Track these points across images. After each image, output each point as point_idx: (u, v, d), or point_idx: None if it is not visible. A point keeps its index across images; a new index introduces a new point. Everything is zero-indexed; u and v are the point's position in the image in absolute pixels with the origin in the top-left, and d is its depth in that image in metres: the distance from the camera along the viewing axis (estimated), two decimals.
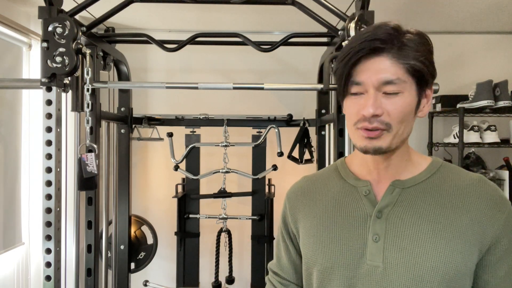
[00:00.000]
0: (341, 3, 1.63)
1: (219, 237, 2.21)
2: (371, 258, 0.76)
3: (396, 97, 0.72)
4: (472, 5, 2.15)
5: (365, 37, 0.72)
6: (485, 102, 2.25)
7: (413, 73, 0.72)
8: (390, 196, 0.79)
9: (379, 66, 0.71)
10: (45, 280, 1.44)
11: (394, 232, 0.76)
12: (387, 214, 0.77)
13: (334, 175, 0.89)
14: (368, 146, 0.75)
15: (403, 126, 0.74)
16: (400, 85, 0.71)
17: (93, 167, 1.49)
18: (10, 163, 2.12)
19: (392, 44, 0.71)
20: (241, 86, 1.62)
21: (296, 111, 2.38)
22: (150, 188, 2.66)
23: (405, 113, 0.72)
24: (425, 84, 0.74)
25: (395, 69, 0.71)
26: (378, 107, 0.71)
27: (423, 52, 0.72)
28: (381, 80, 0.71)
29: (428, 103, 0.77)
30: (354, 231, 0.79)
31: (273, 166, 2.16)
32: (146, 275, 2.48)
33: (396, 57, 0.71)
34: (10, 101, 2.12)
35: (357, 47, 0.72)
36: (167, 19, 2.38)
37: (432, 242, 0.73)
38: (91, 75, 1.52)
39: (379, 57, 0.72)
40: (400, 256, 0.74)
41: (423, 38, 0.74)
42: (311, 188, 0.91)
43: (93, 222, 1.74)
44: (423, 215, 0.75)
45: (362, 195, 0.82)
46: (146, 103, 2.63)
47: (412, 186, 0.79)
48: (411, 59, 0.71)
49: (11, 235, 2.12)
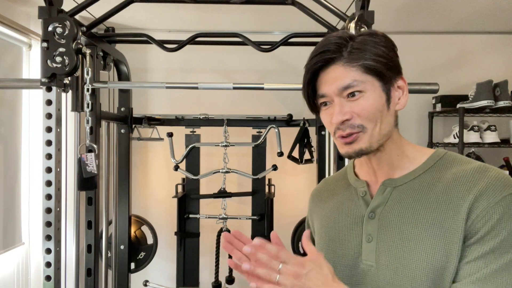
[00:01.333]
0: (341, 3, 1.63)
1: (219, 237, 2.21)
2: (366, 258, 0.78)
3: (360, 98, 0.73)
4: (472, 5, 2.15)
5: (316, 52, 0.76)
6: (485, 102, 2.25)
7: (369, 71, 0.73)
8: (381, 196, 0.79)
9: (334, 75, 0.74)
10: (45, 280, 1.44)
11: (385, 232, 0.77)
12: (379, 214, 0.78)
13: (343, 177, 0.92)
14: (349, 152, 0.76)
15: (378, 123, 0.74)
16: (359, 85, 0.73)
17: (93, 167, 1.49)
18: (10, 163, 2.12)
19: (340, 52, 0.74)
20: (241, 86, 1.62)
21: (296, 111, 2.38)
22: (150, 188, 2.66)
23: (374, 110, 0.73)
24: (388, 78, 0.75)
25: (349, 73, 0.73)
26: (345, 112, 0.73)
27: (377, 51, 0.73)
28: (339, 86, 0.73)
29: (404, 95, 0.77)
30: (352, 231, 0.82)
31: (273, 166, 2.16)
32: (146, 275, 2.48)
33: (348, 61, 0.73)
34: (10, 101, 2.12)
35: (311, 63, 0.76)
36: (167, 19, 2.38)
37: (419, 240, 0.72)
38: (91, 75, 1.52)
39: (332, 66, 0.75)
40: (390, 256, 0.75)
41: (375, 36, 0.75)
42: (325, 191, 0.94)
43: (93, 222, 1.74)
44: (411, 214, 0.75)
45: (359, 195, 0.83)
46: (146, 103, 2.63)
47: (403, 184, 0.78)
48: (362, 59, 0.73)
49: (11, 235, 2.12)
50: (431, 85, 1.45)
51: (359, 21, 1.43)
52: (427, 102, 2.61)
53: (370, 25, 1.45)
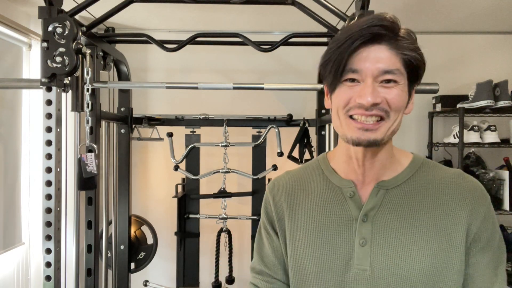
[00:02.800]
0: (341, 3, 1.63)
1: (219, 237, 2.21)
2: (359, 262, 0.75)
3: (394, 87, 0.71)
4: (472, 5, 2.15)
5: (365, 23, 0.70)
6: (485, 102, 2.25)
7: (408, 65, 0.71)
8: (375, 199, 0.77)
9: (378, 55, 0.70)
10: (45, 280, 1.44)
11: (380, 235, 0.75)
12: (373, 217, 0.76)
13: (317, 173, 0.86)
14: (361, 138, 0.72)
15: (399, 117, 0.73)
16: (398, 76, 0.71)
17: (93, 167, 1.49)
18: (10, 163, 2.12)
19: (392, 32, 0.70)
20: (241, 86, 1.62)
21: (296, 111, 2.38)
22: (150, 188, 2.66)
23: (401, 104, 0.72)
24: (415, 80, 0.74)
25: (394, 59, 0.70)
26: (377, 96, 0.70)
27: (418, 47, 0.73)
28: (381, 69, 0.70)
29: (412, 101, 0.77)
30: (341, 235, 0.78)
31: (273, 166, 2.16)
32: (146, 275, 2.48)
33: (395, 47, 0.70)
34: (10, 101, 2.12)
35: (356, 34, 0.70)
36: (167, 19, 2.38)
37: (416, 243, 0.73)
38: (91, 75, 1.52)
39: (378, 45, 0.70)
40: (386, 259, 0.74)
41: (414, 35, 0.74)
42: (295, 187, 0.87)
43: (93, 222, 1.74)
44: (407, 217, 0.75)
45: (347, 196, 0.79)
46: (146, 103, 2.63)
47: (395, 187, 0.78)
48: (409, 50, 0.71)
49: (11, 235, 2.12)
50: (431, 85, 1.45)
51: None
52: (427, 102, 2.61)
53: None
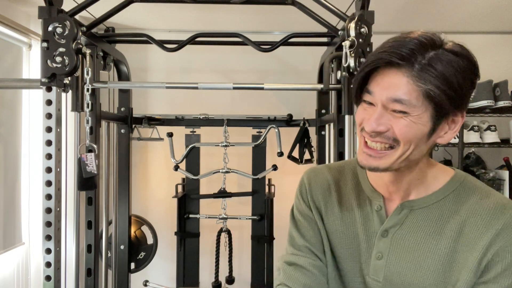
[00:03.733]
0: (341, 3, 1.63)
1: (219, 237, 2.21)
2: (373, 273, 0.78)
3: (402, 118, 0.66)
4: (472, 5, 2.15)
5: (387, 47, 0.67)
6: (485, 102, 2.25)
7: (429, 99, 0.64)
8: (397, 217, 0.77)
9: (392, 81, 0.66)
10: (45, 280, 1.44)
11: (397, 253, 0.76)
12: (393, 234, 0.77)
13: (352, 177, 0.86)
14: (363, 163, 0.72)
15: (411, 148, 0.68)
16: (409, 107, 0.65)
17: (93, 167, 1.49)
18: (10, 163, 2.12)
19: (411, 63, 0.64)
20: (241, 86, 1.62)
21: (296, 111, 2.38)
22: (150, 188, 2.66)
23: (411, 136, 0.67)
24: (445, 111, 0.66)
25: (409, 89, 0.64)
26: (382, 124, 0.67)
27: (451, 79, 0.63)
28: (390, 96, 0.66)
29: (454, 130, 0.70)
30: (363, 244, 0.80)
31: (273, 166, 2.16)
32: (146, 275, 2.48)
33: (415, 77, 0.64)
34: (10, 101, 2.12)
35: (375, 56, 0.68)
36: (167, 19, 2.38)
37: (428, 269, 0.72)
38: (91, 75, 1.52)
39: (396, 71, 0.66)
40: (398, 276, 0.75)
41: (460, 58, 0.65)
42: (333, 183, 0.87)
43: (93, 222, 1.74)
44: (425, 241, 0.74)
45: (374, 209, 0.80)
46: (146, 103, 2.63)
47: (421, 208, 0.75)
48: (431, 84, 0.63)
49: (11, 235, 2.12)
50: None
51: (359, 21, 1.43)
52: None
53: (370, 25, 1.45)
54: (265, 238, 2.18)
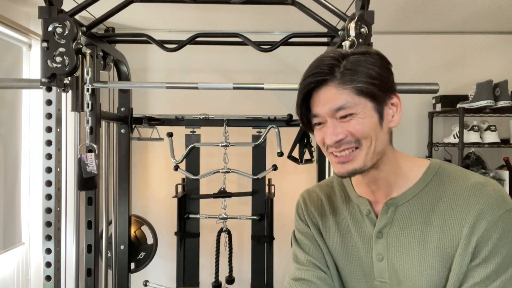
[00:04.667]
0: (341, 3, 1.63)
1: (219, 237, 2.21)
2: (379, 275, 0.82)
3: (352, 120, 0.74)
4: (472, 5, 2.15)
5: (308, 73, 0.76)
6: (485, 102, 2.25)
7: (361, 94, 0.73)
8: (385, 216, 0.81)
9: (327, 96, 0.74)
10: (45, 280, 1.44)
11: (395, 251, 0.80)
12: (386, 234, 0.81)
13: (340, 191, 0.91)
14: (341, 171, 0.77)
15: (373, 141, 0.75)
16: (351, 108, 0.73)
17: (93, 167, 1.49)
18: (10, 163, 2.12)
19: (332, 74, 0.73)
20: (241, 86, 1.62)
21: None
22: (150, 188, 2.66)
23: (367, 130, 0.74)
24: (381, 98, 0.75)
25: (342, 95, 0.73)
26: (339, 132, 0.74)
27: (370, 72, 0.73)
28: (331, 108, 0.74)
29: (398, 111, 0.78)
30: (362, 250, 0.84)
31: (273, 166, 2.16)
32: (146, 275, 2.48)
33: (341, 83, 0.73)
34: (10, 101, 2.12)
35: (304, 83, 0.76)
36: (167, 19, 2.38)
37: (423, 261, 0.76)
38: (91, 75, 1.52)
39: (325, 87, 0.74)
40: (402, 273, 0.78)
41: (368, 55, 0.75)
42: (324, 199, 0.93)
43: (93, 222, 1.74)
44: (416, 233, 0.78)
45: (364, 214, 0.84)
46: (146, 103, 2.63)
47: (405, 202, 0.80)
48: (355, 82, 0.72)
49: (11, 235, 2.12)
50: (431, 85, 1.45)
51: (359, 21, 1.43)
52: (427, 102, 2.61)
53: (370, 25, 1.45)
54: (265, 238, 2.18)
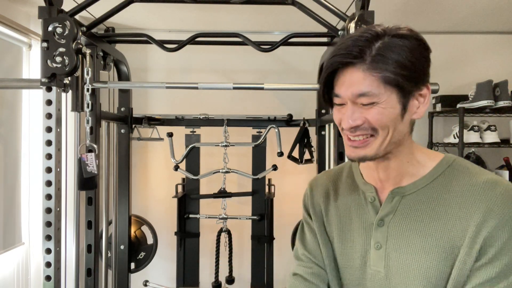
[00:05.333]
0: (341, 3, 1.63)
1: (219, 237, 2.21)
2: (374, 264, 0.79)
3: (372, 108, 0.70)
4: (472, 5, 2.15)
5: (338, 51, 0.72)
6: (485, 102, 2.25)
7: (388, 84, 0.69)
8: (390, 205, 0.79)
9: (352, 79, 0.71)
10: (45, 280, 1.44)
11: (394, 240, 0.77)
12: (388, 222, 0.78)
13: (348, 176, 0.90)
14: (352, 155, 0.76)
15: (391, 132, 0.72)
16: (375, 96, 0.70)
17: (93, 167, 1.49)
18: (10, 163, 2.12)
19: (362, 57, 0.69)
20: (241, 86, 1.62)
21: (296, 111, 2.38)
22: (150, 188, 2.66)
23: (386, 120, 0.71)
24: (408, 90, 0.71)
25: (368, 81, 0.69)
26: (356, 118, 0.71)
27: (403, 61, 0.68)
28: (354, 92, 0.71)
29: (424, 103, 0.74)
30: (360, 237, 0.82)
31: (273, 166, 2.16)
32: (146, 275, 2.48)
33: (369, 68, 0.69)
34: (10, 101, 2.12)
35: (331, 61, 0.73)
36: (167, 19, 2.38)
37: (424, 252, 0.74)
38: (91, 75, 1.52)
39: (352, 69, 0.71)
40: (398, 264, 0.76)
41: (412, 39, 0.70)
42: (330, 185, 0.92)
43: (93, 222, 1.74)
44: (419, 225, 0.75)
45: (368, 201, 0.83)
46: (146, 103, 2.63)
47: (411, 193, 0.77)
48: (384, 70, 0.68)
49: (11, 235, 2.12)
50: (431, 85, 1.45)
51: (359, 21, 1.43)
52: None
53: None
54: (265, 238, 2.18)
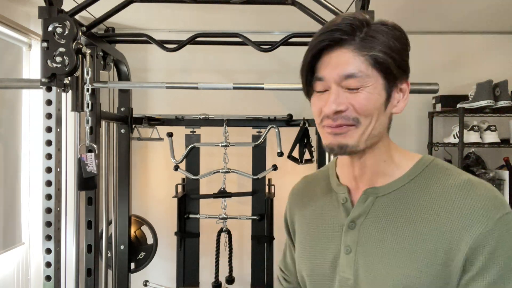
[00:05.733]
0: (341, 3, 1.63)
1: (219, 237, 2.21)
2: (343, 270, 0.73)
3: (360, 92, 0.66)
4: (472, 5, 2.15)
5: (325, 28, 0.68)
6: (485, 102, 2.25)
7: (377, 66, 0.65)
8: (362, 206, 0.74)
9: (339, 59, 0.66)
10: (45, 280, 1.44)
11: (365, 244, 0.71)
12: (360, 225, 0.73)
13: (324, 177, 0.86)
14: (332, 143, 0.69)
15: (373, 122, 0.68)
16: (363, 79, 0.65)
17: (93, 167, 1.49)
18: (10, 163, 2.12)
19: (353, 35, 0.66)
20: (241, 86, 1.62)
21: (296, 111, 2.38)
22: (150, 188, 2.66)
23: (371, 107, 0.67)
24: (394, 78, 0.68)
25: (357, 61, 0.65)
26: (341, 103, 0.66)
27: (391, 44, 0.66)
28: (341, 73, 0.66)
29: (404, 98, 0.71)
30: (330, 241, 0.77)
31: (273, 166, 2.16)
32: (146, 275, 2.48)
33: (358, 48, 0.65)
34: (10, 101, 2.12)
35: (318, 39, 0.68)
36: (167, 19, 2.38)
37: (395, 259, 0.67)
38: (91, 75, 1.52)
39: (340, 49, 0.66)
40: (368, 271, 0.70)
41: (396, 30, 0.68)
42: (305, 190, 0.89)
43: (93, 222, 1.74)
44: (392, 228, 0.69)
45: (340, 202, 0.78)
46: (146, 103, 2.63)
47: (386, 194, 0.72)
48: (375, 50, 0.65)
49: (11, 235, 2.12)
50: (431, 85, 1.45)
51: None
52: (427, 102, 2.61)
53: None
54: (265, 238, 2.18)
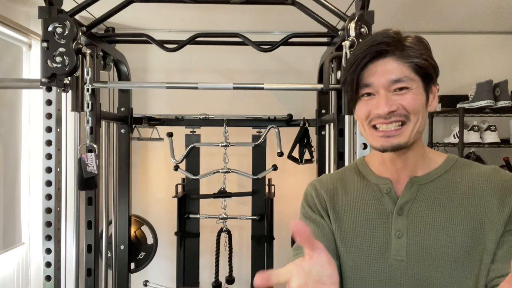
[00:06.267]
0: (341, 3, 1.63)
1: (219, 237, 2.21)
2: (396, 253, 0.80)
3: (407, 94, 0.77)
4: (472, 5, 2.15)
5: (369, 43, 0.79)
6: (485, 102, 2.25)
7: (418, 70, 0.77)
8: (409, 193, 0.82)
9: (386, 68, 0.77)
10: (45, 280, 1.44)
11: (415, 227, 0.80)
12: (408, 210, 0.81)
13: (355, 174, 0.92)
14: (385, 145, 0.79)
15: (420, 117, 0.78)
16: (408, 82, 0.77)
17: (93, 167, 1.49)
18: (10, 163, 2.12)
19: (395, 46, 0.77)
20: (241, 86, 1.62)
21: (296, 111, 2.38)
22: (150, 188, 2.66)
23: (418, 105, 0.78)
24: (430, 80, 0.80)
25: (401, 68, 0.77)
26: (392, 104, 0.77)
27: (424, 52, 0.78)
28: (390, 79, 0.76)
29: (435, 98, 0.83)
30: (378, 227, 0.83)
31: (273, 166, 2.16)
32: (146, 275, 2.48)
33: (401, 57, 0.77)
34: (10, 101, 2.12)
35: (363, 53, 0.78)
36: (167, 19, 2.38)
37: (447, 234, 0.77)
38: (91, 75, 1.52)
39: (384, 59, 0.78)
40: (421, 249, 0.78)
41: (422, 40, 0.81)
42: (336, 184, 0.92)
43: (93, 222, 1.74)
44: (439, 209, 0.79)
45: (383, 192, 0.85)
46: (146, 103, 2.63)
47: (429, 182, 0.82)
48: (415, 58, 0.77)
49: (11, 235, 2.12)
50: None
51: (359, 21, 1.43)
52: None
53: (370, 25, 1.45)
54: (265, 238, 2.18)
